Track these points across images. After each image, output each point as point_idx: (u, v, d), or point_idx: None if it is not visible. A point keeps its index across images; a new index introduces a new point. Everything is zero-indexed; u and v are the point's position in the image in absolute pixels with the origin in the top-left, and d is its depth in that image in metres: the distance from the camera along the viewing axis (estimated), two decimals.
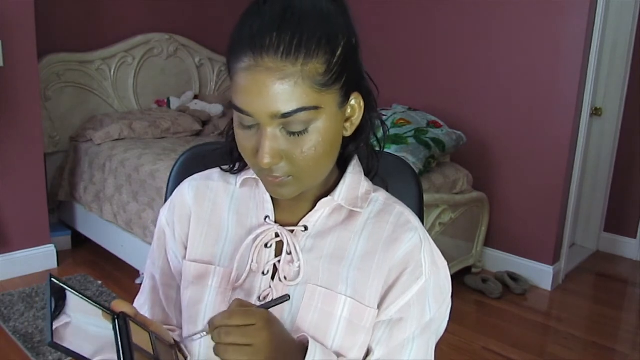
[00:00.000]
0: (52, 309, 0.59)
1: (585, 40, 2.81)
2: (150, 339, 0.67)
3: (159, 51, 3.72)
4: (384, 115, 2.92)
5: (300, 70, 0.67)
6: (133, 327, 0.65)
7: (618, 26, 3.21)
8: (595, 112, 3.32)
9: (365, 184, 0.84)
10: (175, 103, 3.73)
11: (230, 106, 0.72)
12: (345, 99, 0.74)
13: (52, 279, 0.61)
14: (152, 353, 0.66)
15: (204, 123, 3.60)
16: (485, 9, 3.12)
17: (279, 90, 0.66)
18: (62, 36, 3.34)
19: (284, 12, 0.67)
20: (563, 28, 2.86)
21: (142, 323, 0.68)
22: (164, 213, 0.90)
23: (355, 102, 0.76)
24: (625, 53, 3.26)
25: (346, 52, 0.71)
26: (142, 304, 0.95)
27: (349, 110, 0.76)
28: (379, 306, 0.79)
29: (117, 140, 3.19)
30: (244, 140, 0.73)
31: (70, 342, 0.58)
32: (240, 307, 0.68)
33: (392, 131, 2.81)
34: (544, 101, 2.97)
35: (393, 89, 3.50)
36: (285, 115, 0.68)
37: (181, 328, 0.93)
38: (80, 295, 0.63)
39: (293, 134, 0.69)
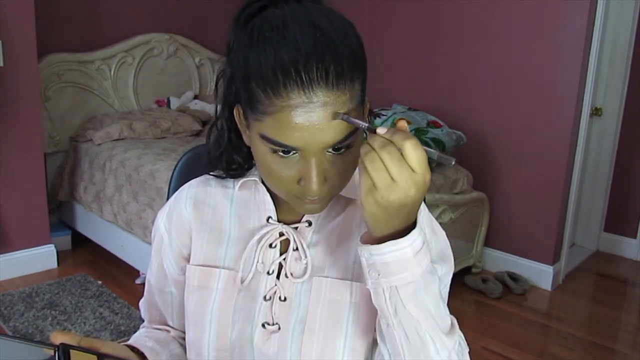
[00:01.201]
0: None
1: (585, 40, 2.81)
2: None
3: (159, 51, 3.72)
4: (384, 115, 2.93)
5: (349, 96, 0.66)
6: (76, 355, 0.65)
7: (618, 26, 3.21)
8: (595, 112, 3.32)
9: (357, 172, 0.85)
10: (175, 103, 3.74)
11: (264, 139, 0.68)
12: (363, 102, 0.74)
13: None
14: None
15: (204, 123, 3.60)
16: (486, 9, 3.12)
17: (334, 121, 0.65)
18: (62, 36, 3.34)
19: (315, 36, 0.64)
20: (563, 28, 2.86)
21: (89, 348, 0.68)
22: (162, 219, 0.90)
23: (365, 106, 0.77)
24: (625, 53, 3.26)
25: (365, 60, 0.70)
26: (142, 303, 0.98)
27: None
28: None
29: (117, 140, 3.19)
30: (281, 169, 0.70)
31: None
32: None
33: None
34: (544, 101, 2.97)
35: (393, 89, 3.50)
36: (338, 143, 0.67)
37: (180, 329, 0.95)
38: (16, 340, 0.63)
39: (337, 151, 0.68)
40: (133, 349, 0.84)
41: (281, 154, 0.68)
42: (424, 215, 0.81)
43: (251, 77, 0.66)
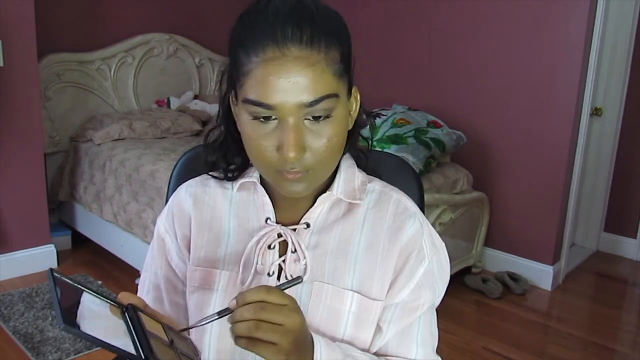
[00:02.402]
0: (59, 297, 0.58)
1: (585, 40, 2.81)
2: (163, 328, 0.67)
3: (159, 51, 3.72)
4: (384, 115, 2.92)
5: (324, 57, 0.69)
6: (144, 317, 0.64)
7: (618, 26, 3.21)
8: (595, 112, 3.32)
9: (360, 175, 0.85)
10: (175, 103, 3.73)
11: (245, 102, 0.70)
12: (350, 91, 0.77)
13: (54, 273, 0.60)
14: (167, 340, 0.65)
15: (204, 123, 3.60)
16: (486, 8, 3.12)
17: (307, 78, 0.67)
18: (62, 36, 3.33)
19: (295, 6, 0.69)
20: (563, 28, 2.86)
21: (152, 315, 0.68)
22: (162, 221, 0.90)
23: (353, 96, 0.79)
24: (625, 53, 3.26)
25: (349, 47, 0.74)
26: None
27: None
28: (388, 290, 0.81)
29: (117, 140, 3.19)
30: (261, 137, 0.71)
31: (82, 327, 0.57)
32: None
33: (392, 131, 2.81)
34: (544, 101, 2.97)
35: (393, 89, 3.50)
36: (312, 104, 0.68)
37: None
38: (86, 289, 0.63)
39: (316, 120, 0.70)
40: None
41: (261, 119, 0.70)
42: (425, 233, 0.83)
43: (237, 44, 0.71)
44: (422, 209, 0.99)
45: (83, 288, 0.62)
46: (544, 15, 2.91)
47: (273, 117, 0.69)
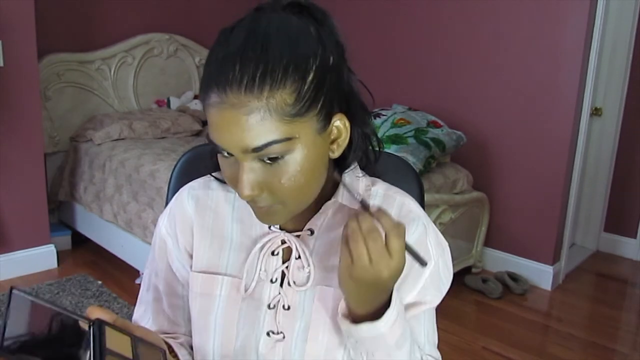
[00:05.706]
0: (7, 318, 0.58)
1: (585, 40, 2.81)
2: (132, 343, 0.66)
3: (159, 51, 3.72)
4: (384, 115, 2.93)
5: (265, 103, 0.64)
6: (110, 332, 0.63)
7: (618, 26, 3.21)
8: (595, 112, 3.32)
9: (363, 180, 0.84)
10: (175, 103, 3.74)
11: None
12: (327, 122, 0.70)
13: (14, 290, 0.59)
14: (130, 357, 0.64)
15: (204, 123, 3.60)
16: (486, 9, 3.12)
17: (246, 126, 0.64)
18: (62, 36, 3.34)
19: (247, 39, 0.65)
20: (563, 28, 2.86)
21: (123, 328, 0.67)
22: (163, 222, 0.88)
23: (340, 123, 0.72)
24: (625, 53, 3.26)
25: (321, 75, 0.67)
26: (143, 315, 0.93)
27: (335, 132, 0.73)
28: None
29: (117, 140, 3.19)
30: (225, 168, 0.72)
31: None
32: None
33: (392, 131, 2.81)
34: (544, 101, 2.97)
35: (393, 89, 3.50)
36: (256, 150, 0.66)
37: (189, 335, 0.92)
38: (52, 306, 0.62)
39: (269, 163, 0.67)
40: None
41: (223, 153, 0.70)
42: (430, 235, 0.82)
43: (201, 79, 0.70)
44: (422, 209, 0.99)
45: (48, 305, 0.62)
46: (544, 15, 2.91)
47: (230, 154, 0.69)
